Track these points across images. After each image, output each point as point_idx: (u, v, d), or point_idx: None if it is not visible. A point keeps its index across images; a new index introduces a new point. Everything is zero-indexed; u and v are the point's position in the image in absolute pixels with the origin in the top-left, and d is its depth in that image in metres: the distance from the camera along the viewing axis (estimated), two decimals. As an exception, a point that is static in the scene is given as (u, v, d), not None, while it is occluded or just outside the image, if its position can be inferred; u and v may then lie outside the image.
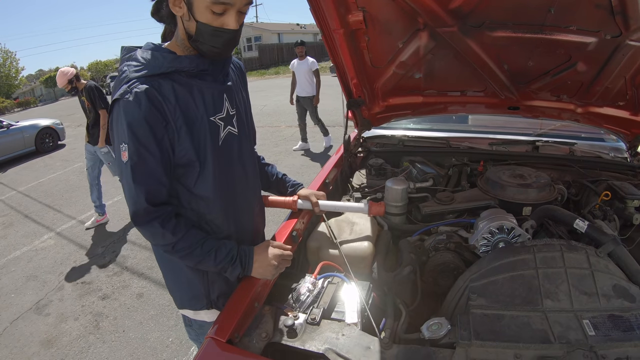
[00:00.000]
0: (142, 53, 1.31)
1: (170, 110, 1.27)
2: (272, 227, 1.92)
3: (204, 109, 1.36)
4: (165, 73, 1.28)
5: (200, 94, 1.35)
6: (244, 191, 1.59)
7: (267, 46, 38.80)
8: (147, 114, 1.22)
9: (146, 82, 1.24)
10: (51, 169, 9.62)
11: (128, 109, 1.21)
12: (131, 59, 1.31)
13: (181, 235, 1.35)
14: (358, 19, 1.94)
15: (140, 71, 1.26)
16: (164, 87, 1.27)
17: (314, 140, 9.03)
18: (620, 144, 2.85)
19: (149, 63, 1.28)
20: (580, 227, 1.69)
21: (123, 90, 1.23)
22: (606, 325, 1.22)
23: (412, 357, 1.20)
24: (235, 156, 1.52)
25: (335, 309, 1.44)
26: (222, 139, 1.44)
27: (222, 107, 1.42)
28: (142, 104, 1.21)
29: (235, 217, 1.57)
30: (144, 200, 1.29)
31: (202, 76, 1.36)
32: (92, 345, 3.40)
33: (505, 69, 2.24)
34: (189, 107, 1.32)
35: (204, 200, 1.45)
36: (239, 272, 1.43)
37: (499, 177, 2.11)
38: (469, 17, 1.88)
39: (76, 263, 4.87)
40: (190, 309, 1.66)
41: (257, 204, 1.73)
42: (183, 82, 1.31)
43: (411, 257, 1.73)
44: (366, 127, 2.87)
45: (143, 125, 1.22)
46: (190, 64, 1.31)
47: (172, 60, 1.29)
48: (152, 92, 1.23)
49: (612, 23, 1.76)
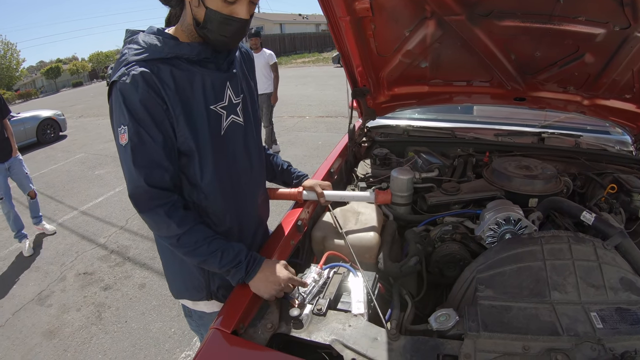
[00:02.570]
0: (143, 37, 1.29)
1: (169, 95, 1.25)
2: (276, 217, 1.90)
3: (202, 97, 1.33)
4: (165, 58, 1.26)
5: (201, 82, 1.32)
6: (248, 182, 1.56)
7: (268, 37, 38.64)
8: (145, 96, 1.20)
9: (145, 65, 1.22)
10: (53, 160, 9.62)
11: (125, 91, 1.20)
12: (132, 42, 1.28)
13: (187, 228, 1.32)
14: (365, 7, 1.91)
15: (140, 54, 1.24)
16: (163, 71, 1.24)
17: (316, 131, 9.01)
18: (625, 137, 2.83)
19: (150, 47, 1.26)
20: (587, 220, 1.68)
21: (121, 73, 1.21)
22: (614, 318, 1.21)
23: (420, 348, 1.19)
24: (241, 146, 1.49)
25: (341, 300, 1.43)
26: (225, 128, 1.41)
27: (223, 95, 1.39)
28: (139, 86, 1.19)
29: (238, 209, 1.54)
30: (143, 182, 1.25)
31: (204, 63, 1.34)
32: (94, 336, 3.41)
33: (513, 59, 2.21)
34: (187, 94, 1.29)
35: (204, 192, 1.42)
36: (242, 276, 1.38)
37: (505, 168, 2.09)
38: (477, 6, 1.86)
39: (78, 254, 4.88)
40: (189, 299, 1.65)
41: (261, 195, 1.70)
42: (183, 68, 1.29)
43: (417, 248, 1.72)
44: (371, 116, 2.85)
45: (141, 107, 1.21)
46: (191, 52, 1.28)
47: (173, 46, 1.27)
48: (150, 76, 1.21)
49: (621, 14, 1.73)
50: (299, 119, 10.50)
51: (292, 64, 29.77)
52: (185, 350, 3.12)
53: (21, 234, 5.03)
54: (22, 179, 5.03)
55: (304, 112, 11.44)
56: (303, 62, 30.90)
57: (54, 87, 42.47)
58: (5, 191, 4.83)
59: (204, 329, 1.75)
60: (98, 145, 10.29)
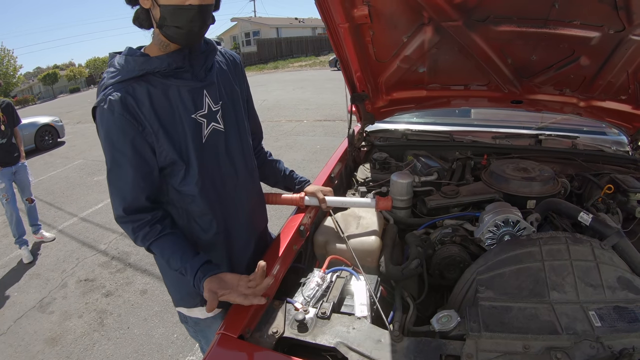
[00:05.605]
0: (118, 59, 1.33)
1: (145, 113, 1.28)
2: (277, 222, 1.92)
3: (183, 108, 1.35)
4: (139, 76, 1.28)
5: (177, 93, 1.34)
6: (235, 188, 1.57)
7: (265, 41, 38.80)
8: (121, 120, 1.24)
9: (120, 88, 1.25)
10: (51, 166, 9.62)
11: (103, 118, 1.25)
12: (110, 65, 1.33)
13: (150, 242, 1.38)
14: (363, 13, 1.94)
15: (115, 77, 1.28)
16: (138, 91, 1.27)
17: (314, 135, 9.03)
18: (622, 137, 2.86)
19: (123, 68, 1.29)
20: (584, 220, 1.70)
21: (100, 99, 1.26)
22: (612, 316, 1.23)
23: (423, 349, 1.21)
24: (222, 152, 1.50)
25: (344, 303, 1.45)
26: (206, 136, 1.42)
27: (202, 104, 1.40)
28: (115, 111, 1.23)
29: (225, 214, 1.55)
30: (119, 206, 1.35)
31: (179, 74, 1.35)
32: (97, 343, 3.42)
33: (509, 63, 2.24)
34: (165, 109, 1.32)
35: (191, 198, 1.45)
36: (191, 280, 1.36)
37: (503, 171, 2.12)
38: (474, 12, 1.89)
39: (79, 260, 4.89)
40: (185, 306, 1.67)
41: (252, 200, 1.70)
42: (157, 83, 1.31)
43: (418, 251, 1.74)
44: (370, 121, 2.88)
45: (117, 131, 1.25)
46: (161, 64, 1.29)
47: (142, 63, 1.29)
48: (125, 98, 1.24)
49: (615, 18, 1.76)
50: (297, 123, 10.52)
51: (289, 68, 29.85)
52: (188, 356, 3.13)
53: (22, 239, 5.05)
54: (25, 184, 5.13)
55: (301, 116, 11.47)
56: (300, 65, 30.95)
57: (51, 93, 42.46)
58: (10, 194, 4.91)
59: (202, 335, 1.77)
60: (96, 152, 10.24)
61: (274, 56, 37.67)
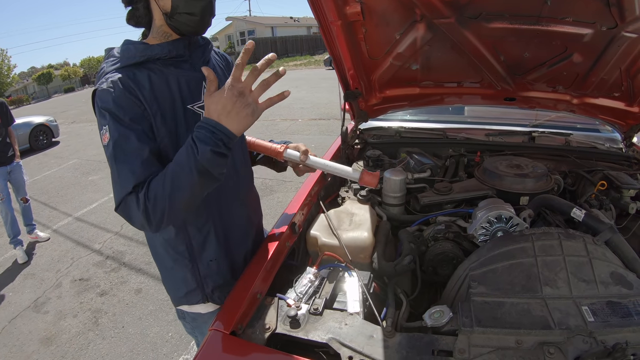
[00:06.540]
0: (117, 49, 1.35)
1: (146, 96, 1.28)
2: (271, 221, 1.92)
3: (180, 97, 1.36)
4: (140, 63, 1.30)
5: (176, 82, 1.35)
6: (231, 180, 1.55)
7: (260, 40, 38.68)
8: (121, 95, 1.23)
9: (121, 72, 1.26)
10: (46, 166, 9.58)
11: (102, 95, 1.24)
12: (109, 57, 1.34)
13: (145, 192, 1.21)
14: (355, 11, 1.94)
15: (116, 64, 1.29)
16: (139, 75, 1.28)
17: (309, 134, 9.03)
18: (615, 134, 2.86)
19: (123, 55, 1.31)
20: (577, 216, 1.71)
21: (100, 82, 1.27)
22: (605, 311, 1.23)
23: (415, 344, 1.21)
24: None
25: (337, 299, 1.45)
26: None
27: (200, 95, 1.41)
28: (115, 89, 1.23)
29: (222, 210, 1.54)
30: (129, 182, 1.21)
31: (178, 64, 1.37)
32: (91, 342, 3.41)
33: (502, 60, 2.24)
34: (165, 95, 1.32)
35: None
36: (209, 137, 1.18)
37: (496, 167, 2.12)
38: (466, 9, 1.89)
39: (73, 260, 4.88)
40: (187, 304, 1.66)
41: (248, 194, 1.72)
42: (157, 71, 1.32)
43: (411, 247, 1.74)
44: (363, 118, 2.87)
45: (117, 106, 1.23)
46: (162, 51, 1.32)
47: (143, 50, 1.31)
48: (126, 79, 1.25)
49: (607, 14, 1.77)
50: (292, 122, 10.53)
51: (282, 67, 29.73)
52: (183, 354, 3.13)
53: (17, 239, 5.03)
54: (20, 184, 5.14)
55: (296, 115, 11.48)
56: (295, 65, 30.94)
57: (45, 93, 42.27)
58: (5, 194, 4.92)
59: (198, 330, 1.76)
60: (91, 151, 10.25)
61: (269, 55, 37.62)
